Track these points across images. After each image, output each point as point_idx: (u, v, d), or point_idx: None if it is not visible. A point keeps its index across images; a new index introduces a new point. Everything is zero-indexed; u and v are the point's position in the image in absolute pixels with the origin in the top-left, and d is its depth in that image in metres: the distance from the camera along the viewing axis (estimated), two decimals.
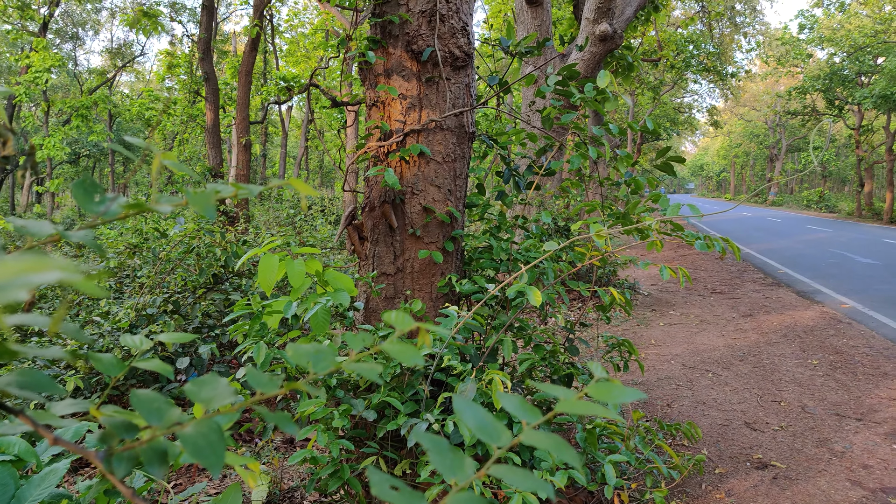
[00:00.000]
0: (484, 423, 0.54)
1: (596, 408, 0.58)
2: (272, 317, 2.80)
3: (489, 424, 0.54)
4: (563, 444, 0.53)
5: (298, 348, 0.58)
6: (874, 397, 5.16)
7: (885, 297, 9.58)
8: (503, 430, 0.54)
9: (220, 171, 12.26)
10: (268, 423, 3.22)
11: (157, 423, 0.48)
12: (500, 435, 0.53)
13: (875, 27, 31.34)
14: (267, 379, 0.52)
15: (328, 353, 0.58)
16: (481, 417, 0.54)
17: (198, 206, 0.53)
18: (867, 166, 35.51)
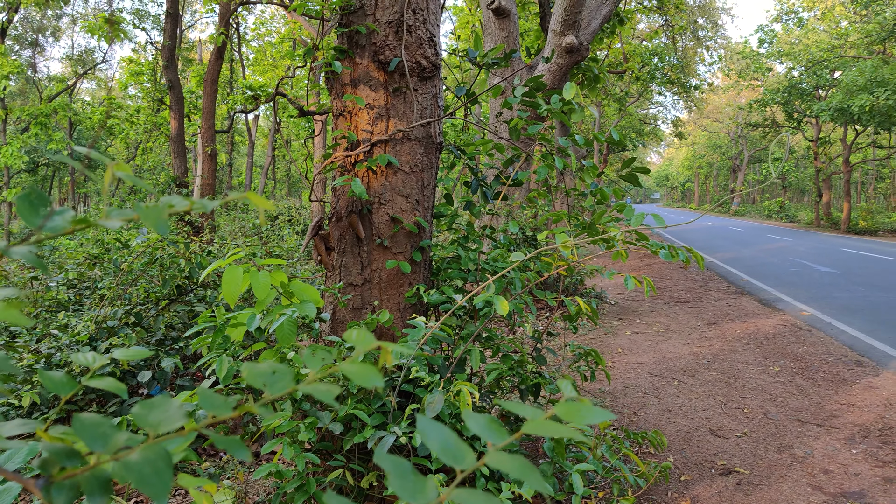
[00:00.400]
0: (448, 444, 0.53)
1: (563, 429, 0.57)
2: (236, 329, 2.76)
3: (453, 446, 0.53)
4: (527, 466, 0.53)
5: (254, 368, 0.56)
6: (833, 403, 5.27)
7: (843, 304, 9.81)
8: (467, 451, 0.53)
9: (185, 181, 12.08)
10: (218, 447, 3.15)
11: (100, 448, 0.46)
12: (463, 457, 0.52)
13: (832, 42, 32.26)
14: (219, 401, 0.50)
15: (285, 373, 0.56)
16: (445, 438, 0.53)
17: (149, 221, 0.52)
18: (825, 177, 36.42)
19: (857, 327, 8.12)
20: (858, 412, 5.04)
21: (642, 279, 3.20)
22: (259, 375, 0.55)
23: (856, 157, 39.86)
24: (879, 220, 33.12)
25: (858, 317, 8.80)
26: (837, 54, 31.10)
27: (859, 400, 5.34)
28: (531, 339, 3.86)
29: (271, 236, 13.34)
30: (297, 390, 0.55)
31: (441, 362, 3.15)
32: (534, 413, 0.59)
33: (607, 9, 9.11)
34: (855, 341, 7.43)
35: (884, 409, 5.09)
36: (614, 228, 3.44)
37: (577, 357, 3.79)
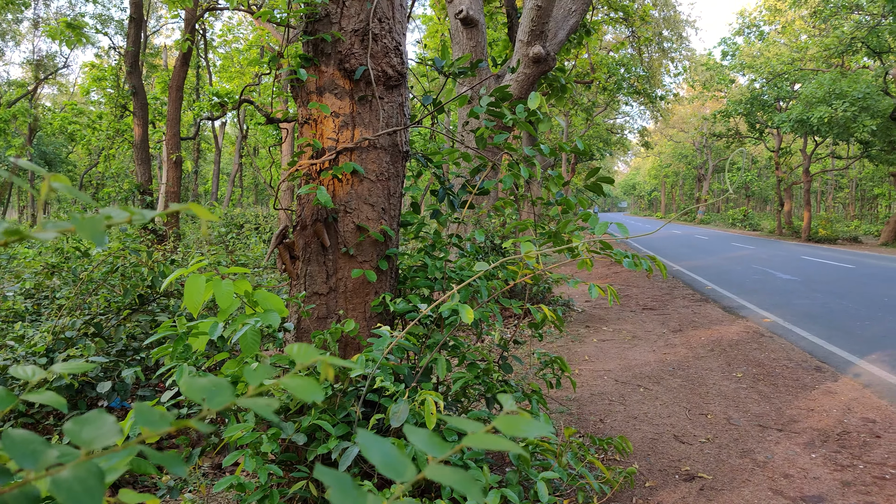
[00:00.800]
0: (388, 457, 0.52)
1: (503, 442, 0.57)
2: (198, 339, 2.72)
3: (394, 459, 0.52)
4: (467, 478, 0.53)
5: (193, 382, 0.55)
6: (794, 408, 5.38)
7: (804, 311, 10.03)
8: (407, 465, 0.53)
9: (149, 189, 11.89)
10: (152, 462, 3.12)
11: (30, 466, 0.45)
12: (404, 470, 0.52)
13: (792, 55, 33.10)
14: (155, 416, 0.49)
15: (225, 387, 0.55)
16: (386, 452, 0.53)
17: (85, 233, 0.50)
18: (786, 187, 37.27)
19: (816, 333, 8.31)
20: (818, 417, 5.15)
21: (606, 288, 3.23)
22: (198, 390, 0.54)
23: (815, 168, 40.82)
24: (838, 229, 33.97)
25: (818, 323, 9.00)
26: (797, 67, 31.90)
27: (818, 405, 5.45)
28: (498, 347, 3.87)
29: (238, 244, 13.18)
30: (235, 402, 0.54)
31: (407, 371, 3.14)
32: (474, 426, 0.59)
33: (574, 20, 9.22)
34: (814, 347, 7.60)
35: (842, 414, 5.21)
36: (578, 237, 3.47)
37: (544, 365, 3.81)
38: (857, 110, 24.92)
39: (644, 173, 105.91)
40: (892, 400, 5.58)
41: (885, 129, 27.43)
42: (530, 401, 3.49)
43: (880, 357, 7.02)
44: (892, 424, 4.97)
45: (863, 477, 4.04)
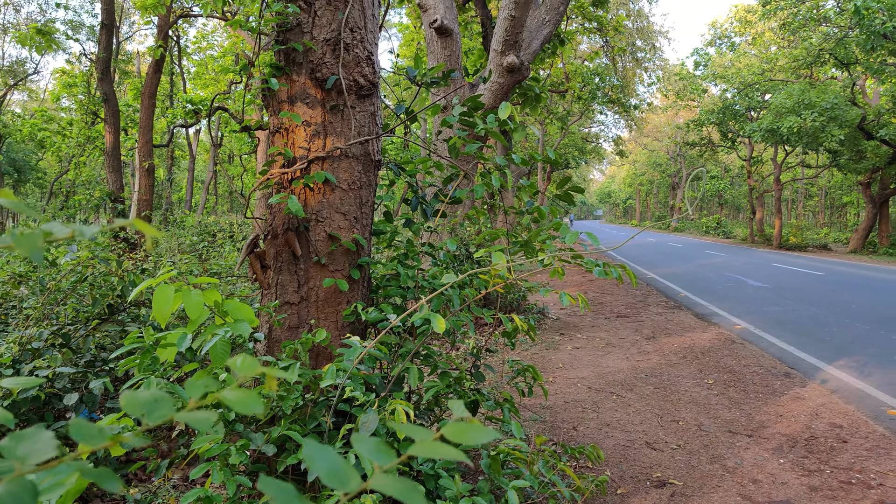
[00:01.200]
0: (333, 468, 0.53)
1: (449, 450, 0.58)
2: (167, 350, 2.69)
3: (339, 470, 0.53)
4: (411, 488, 0.53)
5: (133, 397, 0.55)
6: (763, 414, 5.45)
7: (774, 318, 10.19)
8: (353, 475, 0.53)
9: (121, 196, 11.73)
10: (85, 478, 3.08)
11: None
12: (348, 480, 0.52)
13: (762, 66, 33.73)
14: (93, 431, 0.49)
15: (165, 401, 0.55)
16: (331, 463, 0.53)
17: (23, 249, 0.50)
18: (758, 195, 37.91)
19: (785, 340, 8.44)
20: (786, 422, 5.23)
21: (577, 296, 3.26)
22: (138, 404, 0.54)
23: (786, 176, 41.61)
24: (808, 237, 34.61)
25: (787, 330, 9.15)
26: (767, 77, 32.52)
27: (787, 410, 5.53)
28: (470, 355, 3.88)
29: (212, 253, 13.05)
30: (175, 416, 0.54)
31: (378, 381, 3.13)
32: (422, 434, 0.59)
33: (548, 30, 9.31)
34: (784, 353, 7.72)
35: (810, 420, 5.29)
36: (549, 246, 3.50)
37: (516, 373, 3.82)
38: (825, 120, 25.44)
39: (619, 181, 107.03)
40: (859, 405, 5.68)
41: (853, 139, 28.04)
42: (502, 409, 3.50)
43: (847, 363, 7.16)
44: (858, 430, 5.06)
45: (829, 482, 4.10)
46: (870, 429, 5.08)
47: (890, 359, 7.32)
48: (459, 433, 0.62)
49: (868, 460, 4.45)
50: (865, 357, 7.43)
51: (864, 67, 25.05)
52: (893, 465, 4.38)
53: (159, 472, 3.09)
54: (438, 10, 8.93)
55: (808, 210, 60.15)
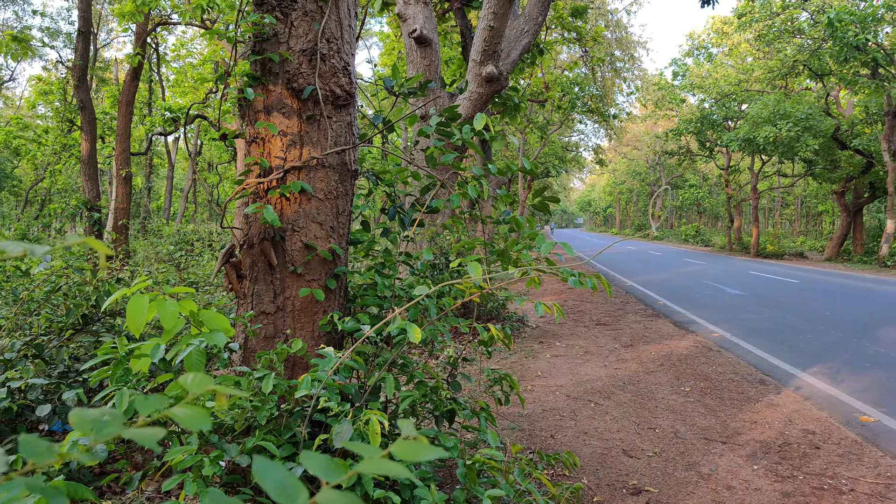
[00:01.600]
0: (281, 483, 0.54)
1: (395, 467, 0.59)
2: (140, 360, 2.67)
3: (287, 485, 0.54)
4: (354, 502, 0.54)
5: (81, 414, 0.56)
6: (738, 421, 5.52)
7: (751, 325, 10.31)
8: (300, 490, 0.54)
9: (97, 205, 11.60)
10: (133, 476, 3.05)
11: None
12: (296, 495, 0.53)
13: (738, 76, 34.22)
14: (41, 447, 0.50)
15: (115, 418, 0.56)
16: (279, 478, 0.54)
17: None
18: (736, 203, 38.38)
19: (761, 347, 8.55)
20: (760, 429, 5.29)
21: (552, 305, 3.29)
22: (87, 422, 0.55)
23: (763, 185, 42.14)
24: (785, 245, 35.08)
25: (763, 337, 9.27)
26: (744, 88, 32.99)
27: (761, 417, 5.60)
28: (447, 364, 3.89)
29: (190, 262, 12.95)
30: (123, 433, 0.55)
31: (354, 391, 3.13)
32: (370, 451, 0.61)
33: (526, 40, 9.39)
34: (759, 361, 7.82)
35: (783, 426, 5.36)
36: (525, 256, 3.53)
37: (493, 382, 3.84)
38: (800, 130, 25.86)
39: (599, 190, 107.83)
40: (832, 412, 5.77)
41: (827, 149, 28.52)
42: (479, 418, 3.52)
43: (821, 370, 7.26)
44: (830, 436, 5.14)
45: (802, 488, 4.16)
46: (842, 435, 5.16)
47: (862, 365, 7.44)
48: (406, 451, 0.63)
49: (840, 466, 4.52)
50: (838, 364, 7.54)
51: (838, 78, 25.54)
52: (865, 470, 4.45)
53: (132, 484, 3.06)
54: (418, 20, 8.98)
55: (784, 218, 60.99)
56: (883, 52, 22.84)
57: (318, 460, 0.58)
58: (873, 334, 9.35)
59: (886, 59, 23.04)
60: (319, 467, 0.57)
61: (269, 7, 3.53)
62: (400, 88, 4.03)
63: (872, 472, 4.42)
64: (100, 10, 28.24)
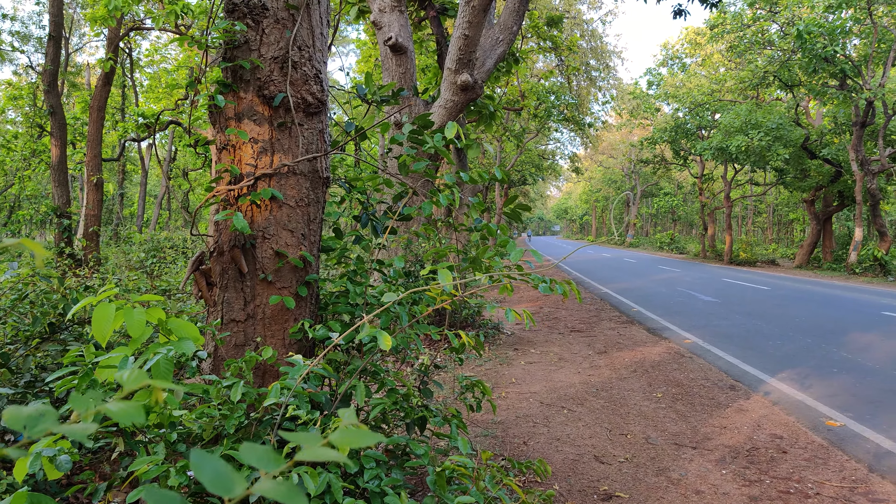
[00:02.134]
0: (218, 475, 0.55)
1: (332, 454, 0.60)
2: (106, 371, 2.64)
3: (223, 477, 0.54)
4: (294, 491, 0.55)
5: (15, 412, 0.56)
6: (708, 426, 5.59)
7: (722, 332, 10.45)
8: (238, 481, 0.55)
9: (67, 211, 11.43)
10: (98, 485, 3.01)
11: None
12: (233, 486, 0.54)
13: (711, 86, 34.78)
14: None
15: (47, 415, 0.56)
16: (216, 470, 0.55)
17: None
18: (709, 211, 38.90)
19: (732, 353, 8.67)
20: (730, 434, 5.36)
21: (522, 312, 3.31)
22: (19, 419, 0.55)
23: (736, 193, 42.83)
24: (757, 252, 35.62)
25: (734, 343, 9.40)
26: (717, 98, 33.53)
27: (731, 422, 5.68)
28: (419, 372, 3.90)
29: (164, 269, 12.80)
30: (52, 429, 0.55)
31: (324, 399, 3.12)
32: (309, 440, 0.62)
33: (501, 49, 9.46)
34: (730, 367, 7.92)
35: (752, 431, 5.44)
36: (496, 263, 3.55)
37: (465, 389, 3.85)
38: (771, 140, 26.32)
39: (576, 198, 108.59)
40: (799, 417, 5.86)
41: (797, 158, 29.06)
42: (450, 424, 3.52)
43: (789, 375, 7.38)
44: (798, 440, 5.23)
45: (769, 491, 4.22)
46: (809, 439, 5.25)
47: (829, 371, 7.58)
48: (345, 438, 0.64)
49: (806, 470, 4.60)
50: (807, 369, 7.67)
51: (807, 89, 26.05)
52: (830, 474, 4.53)
53: (97, 495, 3.01)
54: (393, 28, 9.01)
55: (757, 226, 61.93)
56: (851, 64, 23.35)
57: (256, 451, 0.59)
58: (840, 340, 9.53)
59: (854, 70, 23.56)
60: (257, 458, 0.58)
61: (240, 14, 3.52)
62: (373, 96, 4.04)
63: (838, 475, 4.51)
64: (72, 14, 27.89)
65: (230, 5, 3.54)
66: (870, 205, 24.63)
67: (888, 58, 22.66)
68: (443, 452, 4.24)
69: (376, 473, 3.01)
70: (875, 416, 5.85)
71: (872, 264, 24.16)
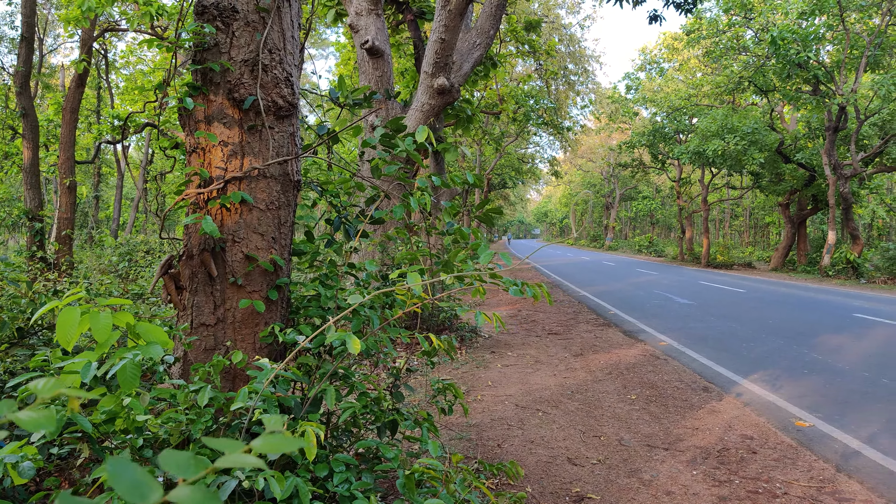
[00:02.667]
0: (134, 483, 0.55)
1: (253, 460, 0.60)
2: (71, 376, 2.61)
3: (138, 484, 0.55)
4: (208, 498, 0.56)
5: None
6: (680, 427, 5.64)
7: (698, 334, 10.56)
8: (154, 489, 0.55)
9: (39, 214, 11.27)
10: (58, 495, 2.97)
11: None
12: (148, 493, 0.54)
13: (688, 91, 35.16)
14: None
15: None
16: (132, 478, 0.55)
17: None
18: (687, 215, 39.30)
19: (706, 355, 8.76)
20: (701, 435, 5.42)
21: (492, 315, 3.33)
22: None
23: (713, 197, 43.26)
24: (734, 255, 36.04)
25: (708, 346, 9.50)
26: (694, 102, 33.92)
27: (703, 424, 5.74)
28: (390, 375, 3.90)
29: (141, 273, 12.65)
30: None
31: (294, 403, 3.11)
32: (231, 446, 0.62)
33: (478, 53, 9.50)
34: (704, 368, 8.01)
35: (723, 432, 5.50)
36: (467, 266, 3.57)
37: (436, 392, 3.86)
38: (746, 144, 26.67)
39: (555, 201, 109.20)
40: (769, 417, 5.94)
41: (772, 162, 29.48)
42: (421, 428, 3.53)
43: (761, 376, 7.48)
44: (767, 440, 5.30)
45: (738, 491, 4.27)
46: (778, 439, 5.32)
47: (800, 372, 7.69)
48: (268, 445, 0.65)
49: (775, 470, 4.66)
50: (778, 370, 7.78)
51: (782, 94, 26.45)
52: (798, 474, 4.60)
53: None
54: (370, 31, 9.01)
55: (734, 229, 62.67)
56: (823, 70, 23.75)
57: (177, 458, 0.59)
58: (812, 342, 9.67)
59: (827, 76, 23.96)
60: (177, 465, 0.59)
61: (210, 16, 3.51)
62: (345, 100, 4.05)
63: (806, 475, 4.57)
64: (47, 14, 27.53)
65: (200, 7, 3.52)
66: (842, 208, 25.03)
67: (860, 64, 23.07)
68: (414, 455, 4.25)
69: (346, 477, 3.00)
70: (843, 416, 5.95)
71: (845, 267, 24.55)
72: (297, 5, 3.88)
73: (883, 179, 29.11)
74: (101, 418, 2.91)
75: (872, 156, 25.94)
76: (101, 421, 2.92)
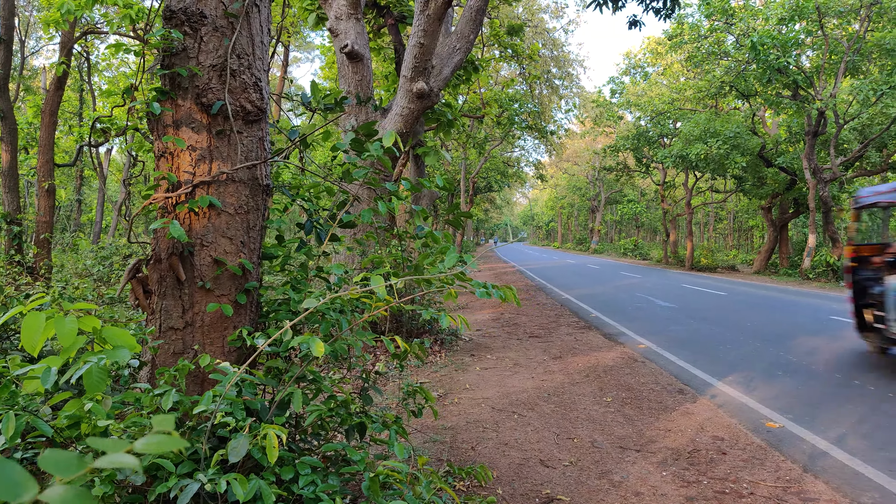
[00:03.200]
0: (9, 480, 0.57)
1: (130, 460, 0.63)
2: (34, 381, 2.62)
3: (13, 482, 0.57)
4: (81, 498, 0.58)
5: None
6: (654, 429, 5.70)
7: (678, 337, 10.65)
8: (29, 487, 0.57)
9: (18, 218, 11.18)
10: None
11: None
12: (22, 492, 0.57)
13: (672, 95, 35.42)
14: None
15: None
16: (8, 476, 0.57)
17: None
18: (672, 218, 39.58)
19: (684, 358, 8.84)
20: (673, 437, 5.48)
21: (457, 317, 3.36)
22: None
23: (697, 200, 43.60)
24: (718, 258, 36.26)
25: (686, 348, 9.58)
26: (677, 107, 34.17)
27: (676, 425, 5.80)
28: (360, 379, 3.92)
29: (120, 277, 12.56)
30: None
31: (259, 405, 3.13)
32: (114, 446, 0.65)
33: (458, 57, 9.54)
34: (681, 371, 8.08)
35: (695, 433, 5.56)
36: (435, 269, 3.60)
37: (406, 395, 3.89)
38: (729, 148, 26.91)
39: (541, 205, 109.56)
40: (741, 419, 6.01)
41: (755, 166, 29.77)
42: (389, 431, 3.55)
43: (736, 378, 7.56)
44: (738, 442, 5.36)
45: (706, 492, 4.33)
46: (748, 441, 5.38)
47: (774, 374, 7.78)
48: (151, 445, 0.67)
49: (743, 470, 4.72)
50: (753, 372, 7.87)
51: (763, 99, 26.73)
52: (766, 474, 4.66)
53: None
54: (349, 35, 9.03)
55: (718, 233, 63.16)
56: (803, 75, 24.02)
57: (55, 457, 0.62)
58: (788, 344, 9.78)
59: (806, 81, 24.24)
60: (56, 465, 0.61)
61: (178, 21, 3.52)
62: (317, 104, 4.07)
63: (773, 476, 4.64)
64: (28, 16, 27.33)
65: (168, 12, 3.54)
66: (823, 212, 25.30)
67: (839, 69, 23.36)
68: (382, 458, 4.27)
69: (312, 479, 3.02)
70: (814, 417, 6.03)
71: (825, 270, 24.82)
72: (267, 11, 3.90)
73: (863, 183, 29.41)
74: (64, 423, 2.90)
75: (852, 160, 26.26)
76: (64, 426, 2.92)
